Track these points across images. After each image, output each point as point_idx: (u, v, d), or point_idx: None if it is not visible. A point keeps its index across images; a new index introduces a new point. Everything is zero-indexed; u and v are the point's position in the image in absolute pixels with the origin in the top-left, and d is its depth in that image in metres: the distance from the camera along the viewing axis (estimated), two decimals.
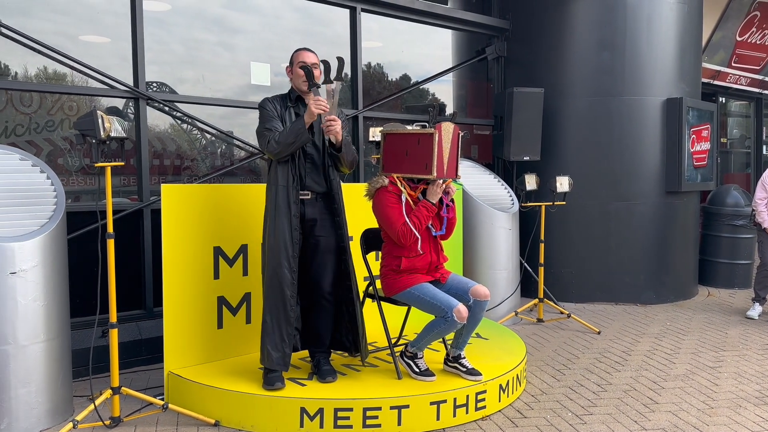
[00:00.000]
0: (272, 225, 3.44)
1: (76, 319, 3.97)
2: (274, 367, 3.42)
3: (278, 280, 3.42)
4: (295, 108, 3.58)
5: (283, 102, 3.58)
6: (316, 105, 3.33)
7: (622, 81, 6.43)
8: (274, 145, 3.37)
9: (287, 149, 3.38)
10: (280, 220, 3.42)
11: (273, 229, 3.43)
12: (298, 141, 3.36)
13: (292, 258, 3.44)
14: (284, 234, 3.42)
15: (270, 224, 3.45)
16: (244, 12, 5.52)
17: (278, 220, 3.42)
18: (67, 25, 4.63)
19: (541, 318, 5.78)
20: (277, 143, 3.37)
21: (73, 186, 4.65)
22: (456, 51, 7.28)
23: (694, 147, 6.72)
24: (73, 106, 4.64)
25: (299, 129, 3.34)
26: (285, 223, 3.42)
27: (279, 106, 3.55)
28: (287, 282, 3.43)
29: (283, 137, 3.36)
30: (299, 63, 3.51)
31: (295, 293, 3.47)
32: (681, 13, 6.59)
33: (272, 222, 3.44)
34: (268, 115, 3.49)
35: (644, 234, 6.54)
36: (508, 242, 5.77)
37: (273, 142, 3.38)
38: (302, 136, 3.35)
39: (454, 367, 3.72)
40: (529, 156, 6.45)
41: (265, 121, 3.47)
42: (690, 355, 4.85)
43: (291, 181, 3.44)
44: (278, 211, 3.43)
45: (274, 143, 3.37)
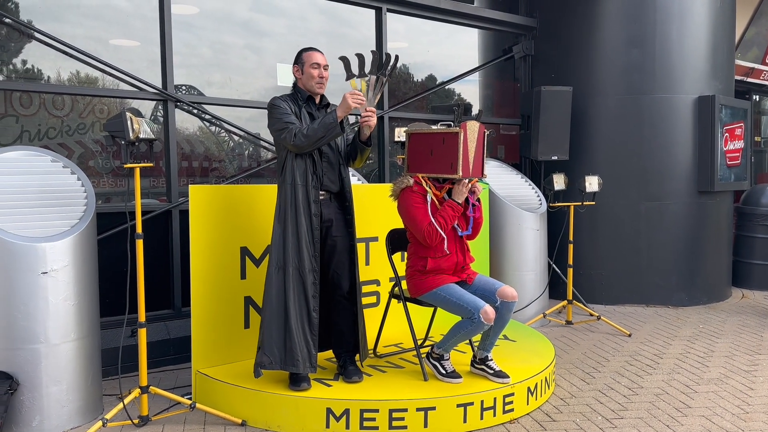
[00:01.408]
0: (293, 225, 3.37)
1: (105, 319, 4.02)
2: (302, 370, 3.39)
3: (302, 281, 3.38)
4: (306, 107, 3.52)
5: (294, 101, 3.51)
6: (354, 99, 3.25)
7: (652, 78, 6.30)
8: (302, 139, 3.28)
9: (315, 144, 3.31)
10: (301, 220, 3.36)
11: (295, 228, 3.37)
12: (328, 135, 3.27)
13: (314, 258, 3.40)
14: (305, 234, 3.37)
15: (290, 224, 3.38)
16: (271, 15, 5.54)
17: (299, 220, 3.36)
18: (98, 30, 4.69)
19: (570, 320, 5.68)
20: (305, 136, 3.27)
21: (104, 188, 4.71)
22: (482, 50, 7.21)
23: (727, 145, 6.55)
24: (104, 109, 4.70)
25: (331, 123, 3.25)
26: (306, 223, 3.37)
27: (292, 104, 3.47)
28: (309, 283, 3.39)
29: (312, 131, 3.27)
30: (313, 63, 3.46)
31: (317, 294, 3.43)
32: (713, 9, 6.43)
33: (293, 222, 3.37)
34: (283, 111, 3.40)
35: (676, 234, 6.39)
36: (535, 243, 5.68)
37: (301, 135, 3.28)
38: (334, 130, 3.26)
39: (481, 369, 3.66)
40: (557, 155, 6.35)
41: (282, 116, 3.38)
42: (724, 358, 4.72)
43: (310, 180, 3.39)
44: (298, 211, 3.36)
45: (302, 136, 3.28)
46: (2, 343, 3.19)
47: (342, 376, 3.58)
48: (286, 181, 3.42)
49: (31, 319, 3.20)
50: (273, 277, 3.43)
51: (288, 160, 3.41)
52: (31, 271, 3.19)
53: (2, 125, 4.35)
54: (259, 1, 5.44)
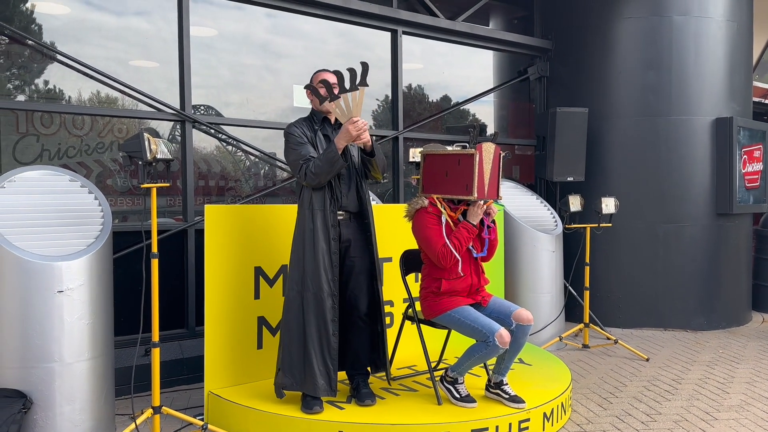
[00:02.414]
0: (311, 249, 3.36)
1: (119, 338, 4.01)
2: (322, 394, 3.36)
3: (320, 305, 3.36)
4: (322, 129, 3.52)
5: (310, 125, 3.51)
6: (355, 127, 3.25)
7: (668, 101, 6.26)
8: (311, 177, 3.30)
9: (326, 178, 3.31)
10: (319, 245, 3.35)
11: (312, 253, 3.35)
12: (334, 169, 3.28)
13: (332, 282, 3.38)
14: (324, 258, 3.35)
15: (308, 249, 3.37)
16: (289, 37, 5.59)
17: (317, 244, 3.35)
18: (119, 51, 4.76)
19: (587, 344, 5.58)
20: (314, 174, 3.28)
21: (121, 206, 4.74)
22: (497, 71, 7.21)
23: (746, 168, 6.47)
24: (123, 129, 4.76)
25: (333, 157, 3.25)
26: (324, 247, 3.36)
27: (307, 130, 3.47)
28: (328, 307, 3.37)
29: (318, 168, 3.27)
30: (321, 81, 3.44)
31: (336, 317, 3.41)
32: (730, 31, 6.39)
33: (310, 246, 3.36)
34: (297, 141, 3.40)
35: (694, 257, 6.29)
36: (551, 265, 5.62)
37: (310, 174, 3.29)
38: (337, 163, 3.26)
39: (496, 394, 3.60)
40: (572, 176, 6.30)
41: (296, 147, 3.39)
42: (745, 384, 4.60)
43: (328, 204, 3.38)
44: (316, 236, 3.35)
45: (311, 174, 3.29)
46: (17, 362, 3.19)
47: (355, 398, 3.53)
48: (304, 205, 3.42)
49: (46, 337, 3.20)
50: (292, 301, 3.42)
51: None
52: (47, 290, 3.20)
53: (23, 144, 4.41)
54: (277, 23, 5.50)
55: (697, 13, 6.24)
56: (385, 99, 6.12)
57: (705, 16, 6.26)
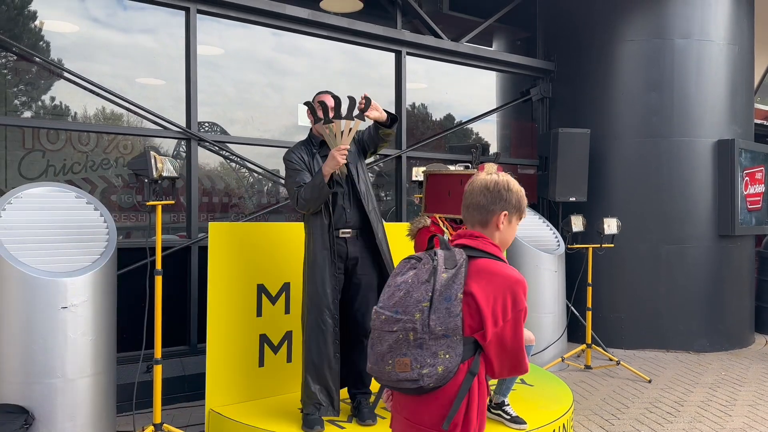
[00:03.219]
0: (312, 272, 3.39)
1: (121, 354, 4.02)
2: (323, 414, 3.38)
3: (322, 328, 3.38)
4: (320, 152, 3.50)
5: (308, 149, 3.51)
6: (341, 154, 3.21)
7: (670, 122, 6.31)
8: (302, 203, 3.33)
9: (317, 203, 3.31)
10: (320, 267, 3.37)
11: (313, 276, 3.38)
12: (322, 195, 3.27)
13: (333, 305, 3.40)
14: (325, 281, 3.37)
15: (309, 271, 3.41)
16: (294, 55, 5.66)
17: (317, 266, 3.38)
18: (125, 68, 4.83)
19: (589, 364, 5.58)
20: (305, 201, 3.31)
21: (125, 222, 4.78)
22: (500, 91, 7.28)
23: (748, 189, 6.50)
24: (128, 145, 4.81)
25: (319, 184, 3.25)
26: (325, 269, 3.37)
27: (305, 155, 3.47)
28: (330, 330, 3.39)
29: (308, 194, 3.30)
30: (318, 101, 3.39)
31: (338, 339, 3.43)
32: (731, 54, 6.46)
33: (312, 269, 3.39)
34: (294, 167, 3.41)
35: (696, 278, 6.30)
36: (554, 285, 5.63)
37: (301, 200, 3.32)
38: (323, 190, 3.25)
39: (497, 415, 3.60)
40: (575, 197, 6.33)
41: (292, 174, 3.40)
42: (747, 407, 4.59)
43: (328, 226, 3.40)
44: (317, 257, 3.38)
45: (303, 201, 3.32)
46: (20, 377, 3.20)
47: (356, 417, 3.53)
48: (307, 227, 3.48)
49: (49, 353, 3.22)
50: (302, 322, 3.50)
51: None
52: (52, 306, 3.23)
53: (29, 160, 4.46)
54: (282, 41, 5.57)
55: (698, 37, 6.32)
56: None
57: (707, 40, 6.33)
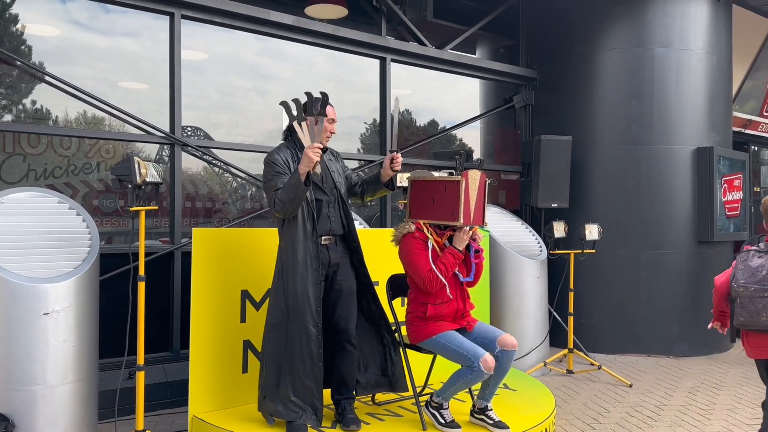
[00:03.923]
0: (293, 281, 3.34)
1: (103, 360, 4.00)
2: (308, 422, 3.36)
3: (306, 336, 3.36)
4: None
5: (293, 153, 3.46)
6: (314, 152, 3.17)
7: (650, 130, 6.41)
8: (279, 205, 3.26)
9: (294, 205, 3.27)
10: (302, 275, 3.34)
11: (294, 284, 3.34)
12: (298, 194, 3.22)
13: (316, 313, 3.37)
14: (307, 290, 3.34)
15: (291, 280, 3.35)
16: (278, 60, 5.68)
17: (299, 275, 3.34)
18: (108, 72, 4.81)
19: (571, 369, 5.64)
20: (282, 202, 3.25)
21: (107, 227, 4.75)
22: (484, 98, 7.36)
23: (726, 196, 6.62)
24: (110, 149, 4.79)
25: (295, 182, 3.19)
26: (308, 277, 3.35)
27: (289, 158, 3.42)
28: (314, 338, 3.36)
29: (284, 195, 3.24)
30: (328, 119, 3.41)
31: (321, 348, 3.40)
32: (710, 63, 6.59)
33: (293, 278, 3.34)
34: (277, 170, 3.35)
35: (676, 284, 6.40)
36: (536, 290, 5.69)
37: (278, 202, 3.26)
38: (300, 188, 3.20)
39: (480, 419, 3.63)
40: (557, 203, 6.42)
41: (273, 177, 3.34)
42: (726, 411, 4.67)
43: (310, 234, 3.37)
44: (298, 266, 3.34)
45: (280, 203, 3.26)
46: (0, 384, 3.18)
47: (340, 423, 3.54)
48: (285, 234, 3.41)
49: (30, 360, 3.20)
50: (275, 330, 3.42)
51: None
52: (33, 312, 3.21)
53: (10, 164, 4.42)
54: (267, 46, 5.59)
55: (678, 46, 6.44)
56: (373, 123, 6.21)
57: (686, 49, 6.46)
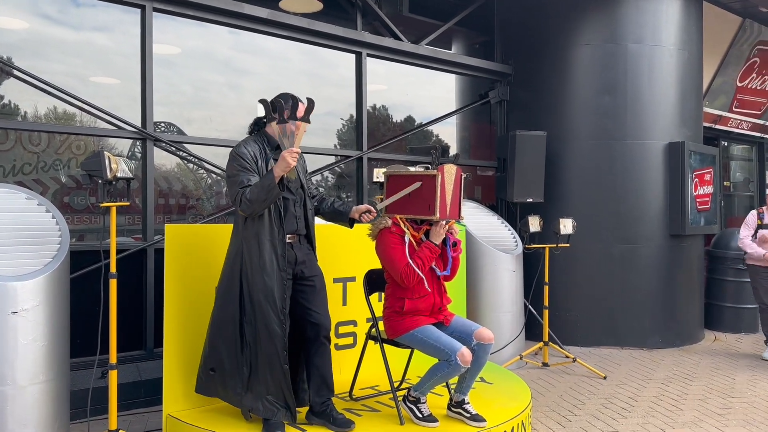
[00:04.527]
0: (259, 278, 3.27)
1: (75, 360, 3.94)
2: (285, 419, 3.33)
3: (270, 337, 3.28)
4: (274, 154, 3.39)
5: (262, 149, 3.37)
6: (292, 156, 3.12)
7: (623, 125, 6.50)
8: (246, 204, 3.17)
9: (262, 206, 3.19)
10: (269, 274, 3.27)
11: (262, 283, 3.26)
12: (270, 197, 3.15)
13: (281, 312, 3.30)
14: (273, 288, 3.27)
15: (253, 277, 3.28)
16: (253, 54, 5.63)
17: (266, 273, 3.26)
18: (78, 67, 4.72)
19: (547, 362, 5.70)
20: (250, 202, 3.16)
21: (78, 224, 4.67)
22: (459, 94, 7.38)
23: (697, 190, 6.74)
24: (81, 146, 4.70)
25: (269, 184, 3.12)
26: (274, 276, 3.27)
27: (258, 155, 3.33)
28: (279, 338, 3.28)
29: (254, 195, 3.15)
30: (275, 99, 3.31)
31: (286, 348, 3.32)
32: (681, 59, 6.70)
33: (258, 275, 3.27)
34: (244, 165, 3.25)
35: (649, 277, 6.50)
36: (512, 284, 5.73)
37: (245, 201, 3.17)
38: (273, 191, 3.13)
39: (457, 413, 3.65)
40: (532, 198, 6.47)
41: (240, 171, 3.24)
42: (697, 401, 4.77)
43: (278, 232, 3.30)
44: (264, 264, 3.26)
45: (247, 201, 3.17)
46: None
47: (333, 425, 3.43)
48: (248, 232, 3.30)
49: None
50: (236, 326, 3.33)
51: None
52: (1, 311, 3.13)
53: None
54: (241, 40, 5.53)
55: (650, 42, 6.53)
56: (350, 119, 6.19)
57: (658, 45, 6.55)
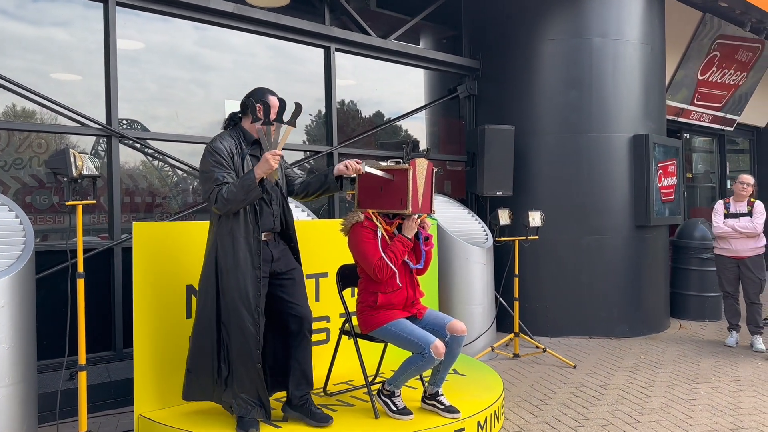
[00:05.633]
0: (232, 276, 3.25)
1: (42, 362, 3.87)
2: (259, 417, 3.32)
3: (243, 335, 3.27)
4: (251, 150, 3.37)
5: (238, 145, 3.33)
6: (275, 159, 3.11)
7: (589, 118, 6.62)
8: (222, 202, 3.14)
9: (238, 206, 3.18)
10: (243, 271, 3.25)
11: (235, 280, 3.25)
12: (249, 198, 3.14)
13: (255, 311, 3.28)
14: (246, 287, 3.25)
15: (228, 275, 3.26)
16: (218, 50, 5.57)
17: (240, 270, 3.25)
18: (39, 63, 4.62)
19: (518, 353, 5.79)
20: (226, 201, 3.13)
21: (42, 224, 4.57)
22: (428, 89, 7.43)
23: (662, 182, 6.91)
24: (42, 144, 4.60)
25: (250, 185, 3.11)
26: (248, 273, 3.25)
27: (234, 151, 3.29)
28: (252, 336, 3.27)
29: (232, 194, 3.12)
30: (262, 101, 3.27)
31: (260, 348, 3.31)
32: (644, 53, 6.84)
33: (232, 272, 3.25)
34: (219, 160, 3.22)
35: (616, 268, 6.64)
36: (483, 277, 5.80)
37: (221, 199, 3.14)
38: (253, 192, 3.12)
39: (431, 405, 3.70)
40: (501, 191, 6.56)
41: (215, 167, 3.20)
42: (664, 388, 4.90)
43: (253, 230, 3.28)
44: (239, 262, 3.24)
45: (223, 199, 3.14)
46: None
47: (311, 420, 3.44)
48: (223, 229, 3.28)
49: None
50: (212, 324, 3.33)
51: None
52: None
53: None
54: (206, 35, 5.48)
55: (614, 36, 6.66)
56: (318, 114, 6.19)
57: (622, 39, 6.69)
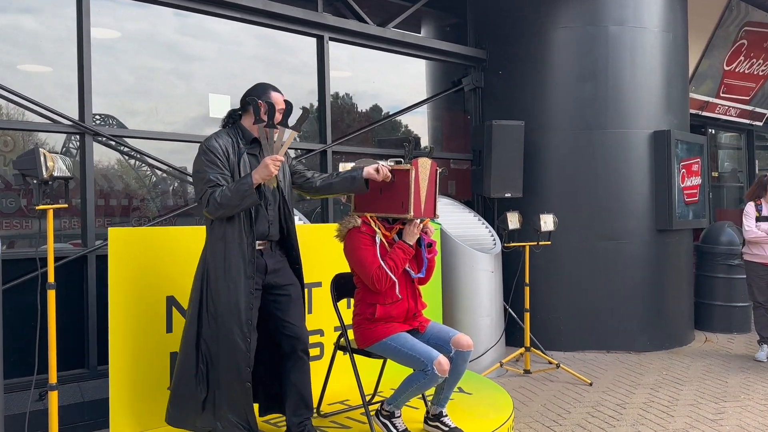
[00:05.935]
0: (223, 284, 3.24)
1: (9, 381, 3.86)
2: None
3: (232, 351, 3.25)
4: (249, 149, 3.38)
5: (235, 144, 3.34)
6: (275, 165, 3.13)
7: (605, 113, 6.61)
8: (214, 206, 3.15)
9: (231, 212, 3.18)
10: (234, 280, 3.24)
11: (226, 289, 3.24)
12: (243, 203, 3.14)
13: (246, 325, 3.26)
14: (237, 298, 3.23)
15: (217, 284, 3.25)
16: (200, 38, 5.56)
17: (231, 279, 3.24)
18: (5, 53, 4.61)
19: (528, 369, 5.79)
20: (219, 205, 3.14)
21: (8, 230, 4.56)
22: (431, 81, 7.43)
23: (685, 182, 6.91)
24: (9, 142, 4.59)
25: (246, 191, 3.11)
26: (240, 283, 3.24)
27: (230, 150, 3.30)
28: (241, 353, 3.24)
29: (226, 199, 3.13)
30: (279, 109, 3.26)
31: (250, 366, 3.29)
32: (665, 41, 6.85)
33: (222, 281, 3.24)
34: (215, 161, 3.22)
35: (635, 275, 6.64)
36: (490, 286, 5.80)
37: (214, 202, 3.14)
38: (249, 198, 3.13)
39: (435, 427, 3.69)
40: (510, 193, 6.55)
41: (209, 167, 3.21)
42: (689, 407, 4.90)
43: (246, 237, 3.27)
44: (230, 270, 3.24)
45: (215, 203, 3.14)
46: None
47: None
48: (215, 233, 3.29)
49: None
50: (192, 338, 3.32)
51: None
52: None
53: None
54: (187, 22, 5.46)
55: (632, 23, 6.67)
56: (311, 108, 6.18)
57: (640, 27, 6.70)
